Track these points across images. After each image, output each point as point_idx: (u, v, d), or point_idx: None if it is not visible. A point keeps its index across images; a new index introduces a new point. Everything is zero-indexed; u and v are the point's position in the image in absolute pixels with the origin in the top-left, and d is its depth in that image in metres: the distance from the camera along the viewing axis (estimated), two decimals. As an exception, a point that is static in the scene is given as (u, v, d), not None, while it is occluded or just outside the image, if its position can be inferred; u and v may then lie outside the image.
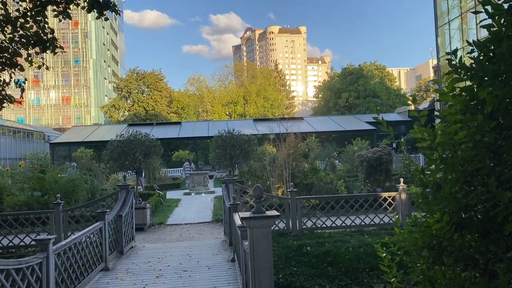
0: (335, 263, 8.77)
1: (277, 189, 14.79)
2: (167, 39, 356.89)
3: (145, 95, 61.08)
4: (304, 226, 10.56)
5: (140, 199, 13.46)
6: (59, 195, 10.90)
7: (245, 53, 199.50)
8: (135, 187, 17.56)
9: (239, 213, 5.90)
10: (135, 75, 61.92)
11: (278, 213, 4.05)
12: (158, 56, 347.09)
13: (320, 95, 69.89)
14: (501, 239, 2.15)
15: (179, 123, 42.63)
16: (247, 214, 3.96)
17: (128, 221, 9.69)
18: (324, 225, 10.59)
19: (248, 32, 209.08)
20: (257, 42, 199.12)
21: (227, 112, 64.69)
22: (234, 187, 10.30)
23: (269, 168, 15.07)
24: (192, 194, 21.14)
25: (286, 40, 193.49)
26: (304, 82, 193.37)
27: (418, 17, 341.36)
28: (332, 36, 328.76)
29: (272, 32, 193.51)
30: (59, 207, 10.37)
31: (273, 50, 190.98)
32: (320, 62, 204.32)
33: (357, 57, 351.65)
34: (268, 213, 3.92)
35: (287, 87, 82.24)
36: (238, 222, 6.19)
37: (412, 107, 51.58)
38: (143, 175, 22.46)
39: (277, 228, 10.41)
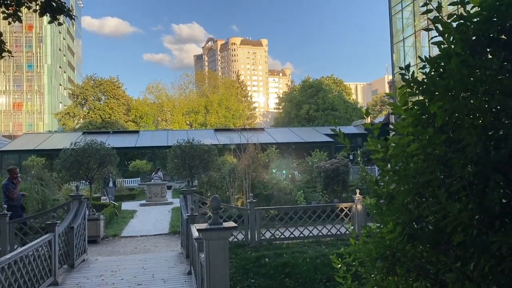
0: (293, 274, 8.78)
1: (236, 200, 14.71)
2: (128, 47, 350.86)
3: (101, 102, 59.45)
4: (263, 237, 10.53)
5: (93, 210, 12.97)
6: (5, 205, 10.31)
7: (206, 63, 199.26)
8: (107, 198, 16.84)
9: (195, 224, 5.79)
10: (92, 82, 60.25)
11: (235, 225, 3.99)
12: (117, 64, 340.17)
13: (281, 107, 70.75)
14: (450, 250, 2.20)
15: (137, 131, 41.73)
16: (203, 225, 3.87)
17: (80, 233, 9.29)
18: (282, 236, 10.61)
19: (210, 42, 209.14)
20: (219, 53, 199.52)
21: (187, 122, 64.08)
22: (192, 198, 10.14)
23: (228, 178, 14.98)
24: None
25: (248, 52, 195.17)
26: (266, 94, 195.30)
27: (376, 35, 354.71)
28: (294, 50, 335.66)
29: (234, 43, 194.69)
30: (5, 218, 9.78)
31: (235, 61, 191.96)
32: (281, 74, 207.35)
33: (317, 71, 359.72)
34: (226, 224, 3.85)
35: (248, 98, 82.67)
36: (195, 234, 6.07)
37: (368, 120, 53.26)
38: (112, 184, 21.16)
39: (235, 239, 10.33)
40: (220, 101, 65.40)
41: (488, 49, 2.09)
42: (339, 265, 3.14)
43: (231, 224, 3.92)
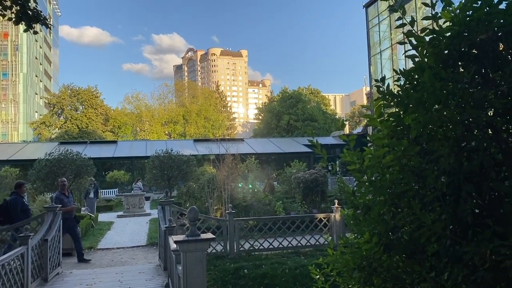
0: (272, 286, 8.73)
1: (216, 210, 14.61)
2: (107, 56, 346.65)
3: (79, 112, 58.48)
4: (242, 248, 10.46)
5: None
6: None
7: (186, 73, 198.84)
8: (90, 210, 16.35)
9: (173, 236, 5.71)
10: (69, 91, 59.25)
11: (213, 236, 3.95)
12: (96, 73, 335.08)
13: (260, 117, 70.98)
14: (425, 259, 2.23)
15: (114, 142, 41.09)
16: (181, 237, 3.82)
17: (54, 245, 9.04)
18: (261, 247, 10.56)
19: (190, 53, 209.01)
20: (199, 63, 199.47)
21: (166, 132, 63.56)
22: (170, 209, 10.01)
23: (207, 189, 14.88)
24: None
25: (228, 63, 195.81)
26: (245, 104, 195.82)
27: (354, 47, 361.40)
28: (273, 62, 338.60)
29: (214, 54, 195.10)
30: (-26, 231, 9.45)
31: (214, 71, 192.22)
32: (260, 85, 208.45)
33: (297, 82, 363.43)
34: (203, 236, 3.81)
35: (228, 108, 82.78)
36: (173, 245, 5.98)
37: (347, 131, 53.88)
38: (94, 195, 19.92)
39: (214, 251, 10.23)
40: (199, 111, 65.20)
41: (459, 63, 2.15)
42: (318, 276, 3.14)
43: (209, 235, 3.88)
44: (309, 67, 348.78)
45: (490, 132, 2.10)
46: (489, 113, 2.09)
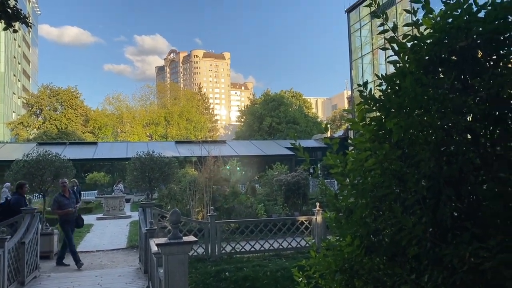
0: (254, 288, 8.72)
1: (197, 213, 14.52)
2: (88, 57, 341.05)
3: (58, 112, 57.35)
4: (223, 251, 10.43)
5: (47, 224, 12.39)
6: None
7: (168, 75, 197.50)
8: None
9: (154, 239, 5.65)
10: (49, 91, 58.08)
11: (195, 239, 3.93)
12: (77, 74, 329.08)
13: (243, 120, 70.95)
14: (406, 262, 2.26)
15: (95, 143, 40.48)
16: (162, 240, 3.78)
17: (32, 248, 8.85)
18: (243, 250, 10.55)
19: (172, 54, 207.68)
20: (181, 65, 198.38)
21: (147, 133, 62.92)
22: (151, 212, 9.91)
23: (189, 191, 14.78)
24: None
25: (211, 65, 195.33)
26: (228, 107, 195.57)
27: (336, 51, 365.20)
28: (256, 64, 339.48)
29: (197, 56, 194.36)
30: None
31: (197, 73, 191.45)
32: (243, 87, 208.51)
33: (279, 85, 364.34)
34: (185, 238, 3.78)
35: (210, 110, 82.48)
36: (154, 248, 5.92)
37: (329, 134, 54.36)
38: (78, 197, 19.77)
39: (195, 253, 10.16)
40: (181, 113, 64.77)
41: (440, 69, 2.19)
42: (300, 278, 3.15)
43: (191, 238, 3.85)
44: (292, 71, 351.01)
45: (469, 137, 2.15)
46: (468, 119, 2.14)
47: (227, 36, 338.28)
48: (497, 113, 2.10)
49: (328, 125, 68.27)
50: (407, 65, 2.17)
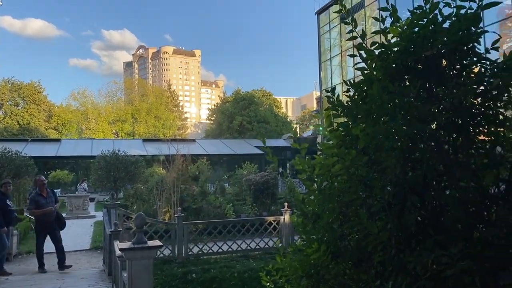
0: (221, 289, 8.68)
1: (164, 213, 14.30)
2: (53, 50, 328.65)
3: (20, 108, 55.16)
4: (190, 252, 10.31)
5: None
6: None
7: (137, 71, 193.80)
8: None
9: (118, 242, 5.51)
10: (10, 85, 55.76)
11: (160, 244, 3.84)
12: (40, 68, 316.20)
13: (213, 118, 70.55)
14: (371, 267, 2.28)
15: (58, 140, 39.20)
16: (126, 244, 3.68)
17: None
18: (210, 251, 10.46)
19: (141, 50, 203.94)
20: (150, 61, 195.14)
21: (113, 131, 61.51)
22: (116, 212, 9.69)
23: (156, 191, 14.54)
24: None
25: (181, 62, 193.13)
26: (198, 105, 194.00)
27: (307, 52, 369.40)
28: (227, 63, 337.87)
29: (166, 52, 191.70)
30: None
31: (166, 70, 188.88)
32: (214, 85, 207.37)
33: (250, 84, 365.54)
34: (150, 243, 3.69)
35: (180, 108, 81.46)
36: (118, 251, 5.77)
37: (298, 134, 54.80)
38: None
39: (161, 255, 9.99)
40: (149, 110, 63.63)
41: (406, 77, 2.22)
42: (268, 283, 3.13)
43: (156, 242, 3.77)
44: (263, 70, 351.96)
45: (433, 144, 2.20)
46: (432, 126, 2.18)
47: (198, 33, 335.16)
48: (460, 121, 2.15)
49: (297, 127, 68.95)
50: (375, 72, 2.19)
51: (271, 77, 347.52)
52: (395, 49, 2.14)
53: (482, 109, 2.13)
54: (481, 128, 2.15)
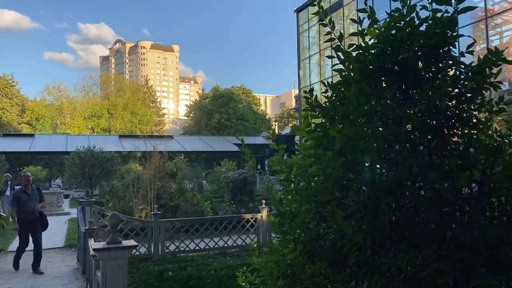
0: (197, 287, 8.63)
1: (140, 210, 14.11)
2: (27, 43, 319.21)
3: (-9, 101, 53.51)
4: (167, 250, 10.20)
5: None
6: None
7: (113, 65, 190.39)
8: None
9: (93, 241, 5.40)
10: (-19, 78, 54.03)
11: (135, 243, 3.77)
12: (13, 61, 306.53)
13: (191, 115, 69.99)
14: (346, 268, 2.29)
15: (31, 135, 38.19)
16: (100, 244, 3.60)
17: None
18: (187, 249, 10.38)
19: (118, 44, 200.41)
20: (127, 55, 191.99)
21: (89, 126, 60.31)
22: (91, 210, 9.50)
23: (132, 188, 14.33)
24: None
25: (159, 57, 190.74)
26: (176, 101, 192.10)
27: (286, 50, 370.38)
28: (206, 59, 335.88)
29: (144, 47, 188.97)
30: None
31: (144, 65, 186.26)
32: (192, 82, 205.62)
33: (229, 81, 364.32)
34: (125, 243, 3.62)
35: (157, 104, 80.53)
36: (92, 250, 5.66)
37: (276, 131, 55.02)
38: (10, 193, 17.20)
39: (137, 253, 9.86)
40: (126, 105, 62.60)
41: (383, 79, 2.24)
42: (244, 283, 3.12)
43: (131, 242, 3.70)
44: (242, 67, 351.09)
45: (408, 146, 2.22)
46: (408, 128, 2.21)
47: (176, 28, 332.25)
48: (434, 123, 2.17)
49: (276, 124, 69.12)
50: (352, 74, 2.19)
51: (251, 74, 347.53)
52: (373, 51, 2.15)
53: (457, 112, 2.17)
54: (455, 130, 2.18)
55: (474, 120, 2.14)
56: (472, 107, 2.13)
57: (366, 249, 2.06)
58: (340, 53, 2.19)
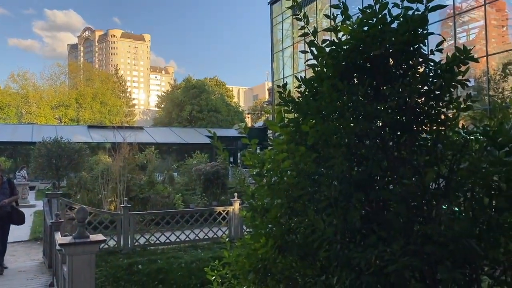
0: (167, 280, 8.57)
1: (109, 203, 13.85)
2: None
3: (-49, 89, 51.07)
4: (136, 243, 10.06)
5: None
6: None
7: (82, 54, 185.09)
8: None
9: (60, 235, 5.25)
10: None
11: (103, 238, 3.69)
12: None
13: (162, 106, 68.95)
14: (317, 262, 2.31)
15: (-5, 124, 36.78)
16: (67, 239, 3.50)
17: None
18: (158, 241, 10.27)
19: (87, 32, 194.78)
20: (96, 44, 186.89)
21: (56, 116, 58.51)
22: (58, 202, 9.24)
23: (101, 180, 14.03)
24: None
25: (129, 46, 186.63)
26: (147, 91, 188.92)
27: (259, 42, 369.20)
28: (178, 50, 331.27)
29: (114, 36, 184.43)
30: None
31: (114, 54, 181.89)
32: (164, 72, 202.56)
33: (201, 72, 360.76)
34: (93, 237, 3.53)
35: (127, 94, 78.82)
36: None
37: (249, 124, 55.03)
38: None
39: (106, 246, 9.68)
40: (95, 95, 61.00)
41: (355, 75, 2.25)
42: (214, 277, 3.11)
43: (99, 237, 3.62)
44: (215, 58, 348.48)
45: (378, 141, 2.25)
46: (378, 124, 2.23)
47: (147, 17, 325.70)
48: (404, 120, 2.21)
49: (249, 117, 69.08)
50: (325, 70, 2.20)
51: (223, 66, 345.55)
52: (345, 47, 2.16)
53: (426, 109, 2.21)
54: (424, 127, 2.23)
55: (442, 117, 2.19)
56: (441, 104, 2.18)
57: (336, 243, 2.09)
58: (313, 49, 2.19)
